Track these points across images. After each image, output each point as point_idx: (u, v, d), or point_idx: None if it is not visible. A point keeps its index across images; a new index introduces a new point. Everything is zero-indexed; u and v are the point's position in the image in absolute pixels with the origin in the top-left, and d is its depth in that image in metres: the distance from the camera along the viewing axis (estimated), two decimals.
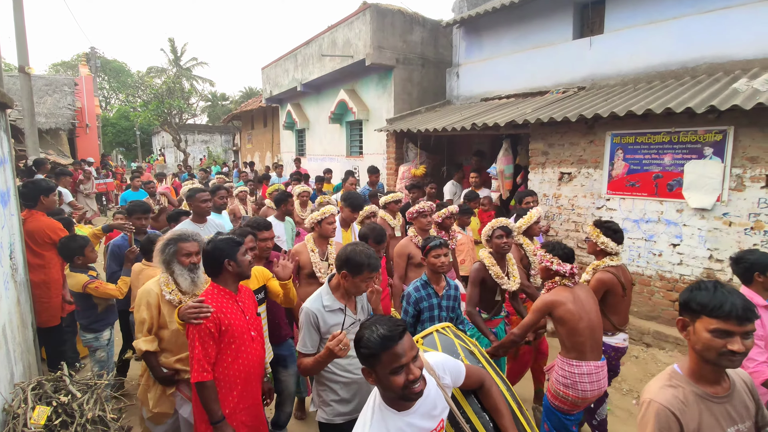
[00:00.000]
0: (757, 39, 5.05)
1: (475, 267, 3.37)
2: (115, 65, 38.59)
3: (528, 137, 6.53)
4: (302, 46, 11.82)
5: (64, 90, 17.60)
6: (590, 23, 6.87)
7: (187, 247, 2.62)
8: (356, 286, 2.32)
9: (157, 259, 2.63)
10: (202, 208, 4.15)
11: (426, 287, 2.93)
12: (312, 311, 2.30)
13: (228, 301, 2.35)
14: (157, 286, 2.63)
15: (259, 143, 19.38)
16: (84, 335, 3.49)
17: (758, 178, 4.39)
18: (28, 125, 9.75)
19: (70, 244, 3.46)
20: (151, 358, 2.58)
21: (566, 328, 2.72)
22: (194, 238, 2.69)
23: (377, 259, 2.34)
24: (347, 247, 2.36)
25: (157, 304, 2.58)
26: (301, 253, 3.52)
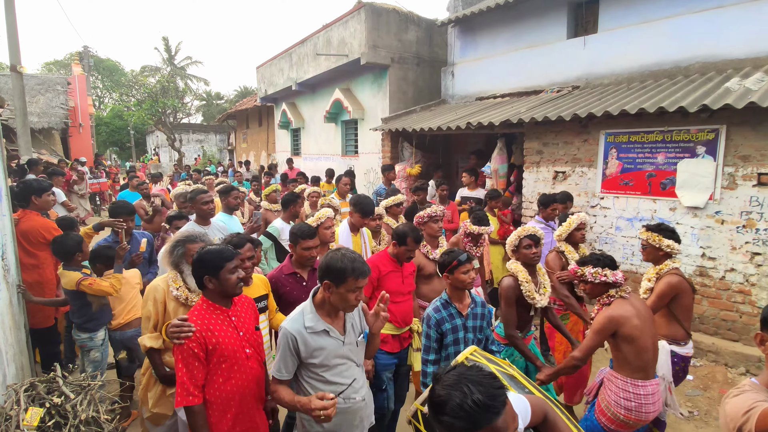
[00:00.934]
0: (749, 38, 5.09)
1: (507, 284, 3.02)
2: (109, 64, 38.35)
3: (522, 136, 6.55)
4: (297, 45, 11.80)
5: (57, 89, 17.47)
6: (584, 23, 6.89)
7: (195, 248, 2.59)
8: (343, 298, 2.00)
9: (165, 260, 2.61)
10: (203, 210, 4.00)
11: (447, 307, 2.61)
12: (291, 333, 2.02)
13: (218, 317, 2.16)
14: (164, 283, 2.61)
15: (254, 142, 19.32)
16: (78, 335, 3.44)
17: (750, 176, 4.43)
18: (20, 125, 9.67)
19: (68, 241, 3.41)
20: (154, 355, 2.55)
21: (635, 346, 2.44)
22: (202, 239, 2.67)
23: (363, 263, 2.03)
24: (328, 252, 2.10)
25: (163, 300, 2.56)
26: None
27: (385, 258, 3.19)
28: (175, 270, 2.62)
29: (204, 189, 4.24)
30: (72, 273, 3.33)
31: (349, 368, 2.13)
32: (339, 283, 1.98)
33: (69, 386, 2.67)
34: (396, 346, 3.17)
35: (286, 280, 2.96)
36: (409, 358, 3.27)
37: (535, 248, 3.09)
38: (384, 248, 4.24)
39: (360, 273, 1.99)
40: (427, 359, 2.59)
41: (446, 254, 2.66)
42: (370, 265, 2.98)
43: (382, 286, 3.05)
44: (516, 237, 3.17)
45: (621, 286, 2.57)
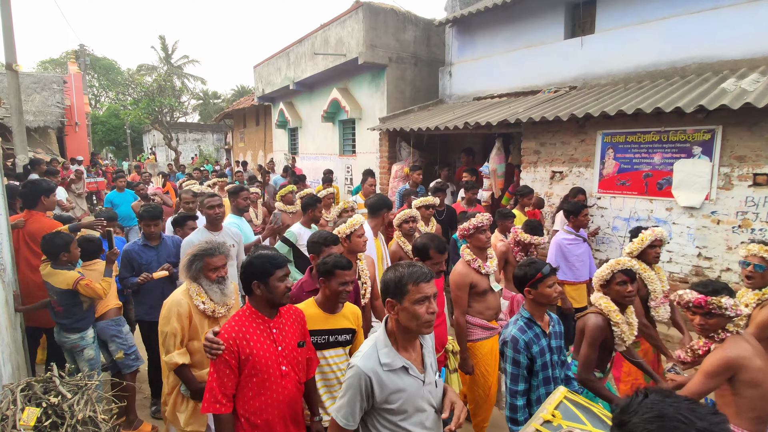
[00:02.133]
0: (745, 39, 5.12)
1: (594, 323, 2.57)
2: (105, 63, 38.15)
3: (520, 136, 6.56)
4: (295, 44, 11.78)
5: (53, 88, 17.38)
6: (581, 23, 6.92)
7: (214, 262, 2.56)
8: (411, 314, 1.67)
9: (183, 274, 2.56)
10: (210, 215, 3.75)
11: (531, 326, 2.32)
12: (365, 373, 1.66)
13: (257, 326, 2.05)
14: (186, 297, 2.55)
15: (251, 142, 19.28)
16: (67, 336, 3.38)
17: (746, 176, 4.46)
18: (16, 123, 9.62)
19: (56, 240, 3.34)
20: (185, 370, 2.50)
21: (759, 392, 2.05)
22: (220, 251, 2.60)
23: (421, 266, 1.77)
24: (387, 270, 1.81)
25: (188, 314, 2.51)
26: None
27: None
28: (195, 283, 2.57)
29: (212, 192, 4.02)
30: (67, 272, 3.29)
31: (429, 416, 1.76)
32: (401, 297, 1.69)
33: (66, 386, 2.66)
34: None
35: (306, 298, 2.60)
36: (446, 381, 3.04)
37: (631, 286, 2.65)
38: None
39: (419, 277, 1.69)
40: (515, 390, 2.27)
41: (527, 266, 2.37)
42: None
43: None
44: (609, 270, 2.69)
45: (735, 320, 2.19)
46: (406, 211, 3.96)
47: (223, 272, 2.57)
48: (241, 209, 4.44)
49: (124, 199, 7.66)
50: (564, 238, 4.40)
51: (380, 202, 4.08)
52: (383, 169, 9.17)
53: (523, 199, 5.38)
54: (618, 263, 2.70)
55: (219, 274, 2.56)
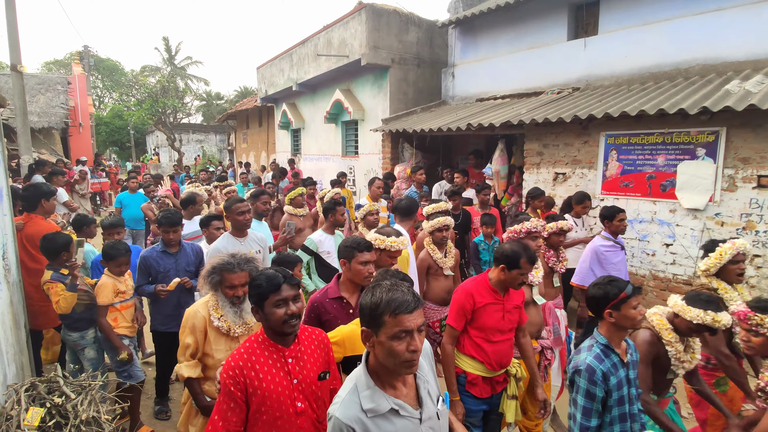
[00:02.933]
0: (749, 41, 5.10)
1: (644, 338, 2.36)
2: (109, 64, 38.33)
3: (523, 137, 6.56)
4: (298, 45, 11.80)
5: (57, 89, 17.47)
6: (585, 24, 6.90)
7: (232, 279, 2.37)
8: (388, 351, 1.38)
9: (201, 285, 2.42)
10: (239, 221, 3.56)
11: (608, 354, 2.03)
12: (348, 426, 1.38)
13: (269, 354, 1.79)
14: (204, 309, 2.41)
15: (254, 143, 19.32)
16: (69, 335, 3.43)
17: (750, 178, 4.44)
18: (21, 124, 9.66)
19: (57, 239, 3.37)
20: (193, 384, 2.39)
21: None
22: (243, 267, 2.38)
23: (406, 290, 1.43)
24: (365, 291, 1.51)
25: (204, 329, 2.38)
26: None
27: (483, 285, 2.58)
28: (215, 295, 2.42)
29: (241, 198, 3.80)
30: (47, 272, 3.33)
31: None
32: (377, 328, 1.39)
33: (69, 386, 2.67)
34: (486, 391, 2.63)
35: (330, 305, 2.47)
36: (502, 406, 2.74)
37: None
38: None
39: (398, 306, 1.36)
40: (587, 426, 2.00)
41: (607, 284, 2.05)
42: (463, 293, 2.58)
43: (476, 320, 2.56)
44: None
45: None
46: (440, 219, 3.66)
47: (241, 292, 2.37)
48: (260, 213, 4.33)
49: (134, 201, 7.41)
50: (601, 245, 4.09)
51: (413, 205, 3.88)
52: (386, 170, 9.17)
53: (534, 201, 5.22)
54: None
55: (236, 293, 2.37)
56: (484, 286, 2.58)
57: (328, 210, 4.17)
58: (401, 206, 3.92)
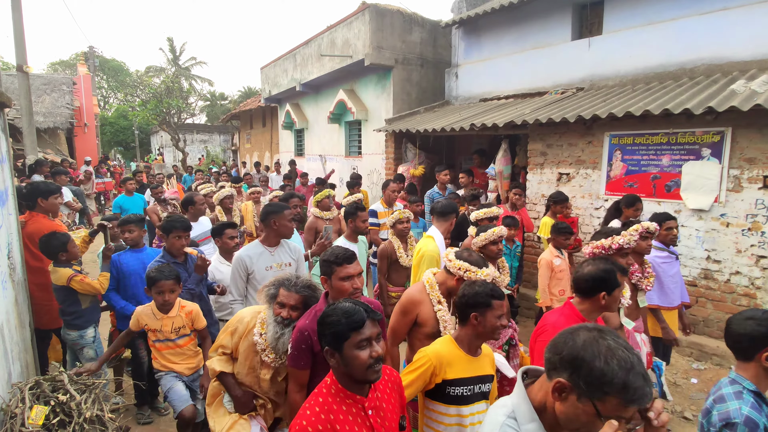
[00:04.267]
0: (755, 40, 5.06)
1: None
2: (114, 64, 38.55)
3: (526, 138, 6.54)
4: (301, 46, 11.82)
5: (63, 89, 17.59)
6: (589, 24, 6.88)
7: (284, 296, 2.23)
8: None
9: (260, 297, 2.34)
10: (290, 230, 3.21)
11: (761, 403, 1.69)
12: None
13: (348, 408, 1.50)
14: (253, 318, 2.35)
15: (258, 143, 19.36)
16: (68, 333, 3.44)
17: (756, 179, 4.41)
18: (26, 124, 9.74)
19: (52, 241, 3.38)
20: (227, 378, 2.37)
21: None
22: (299, 290, 2.23)
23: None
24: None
25: (241, 335, 2.33)
26: (417, 301, 2.46)
27: (570, 315, 2.17)
28: (269, 309, 2.29)
29: (285, 204, 3.34)
30: (62, 269, 3.34)
31: None
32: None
33: (74, 384, 2.69)
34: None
35: None
36: None
37: None
38: None
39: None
40: None
41: (757, 323, 1.71)
42: (550, 327, 2.11)
43: None
44: None
45: None
46: (494, 230, 3.24)
47: (287, 314, 2.20)
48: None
49: (133, 204, 7.13)
50: (657, 256, 3.66)
51: (450, 207, 3.73)
52: (389, 170, 9.17)
53: (557, 206, 4.81)
54: None
55: (282, 313, 2.21)
56: (572, 314, 2.17)
57: (348, 215, 3.93)
58: (438, 207, 3.80)
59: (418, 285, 2.55)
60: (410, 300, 2.48)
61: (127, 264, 3.55)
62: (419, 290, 2.51)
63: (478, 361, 2.03)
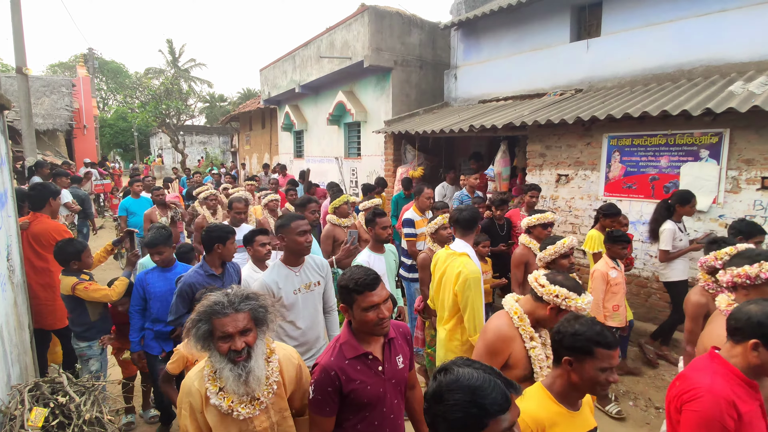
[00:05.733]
0: (753, 42, 5.08)
1: None
2: (113, 66, 38.59)
3: (525, 139, 6.55)
4: (300, 47, 11.84)
5: (62, 91, 17.58)
6: (587, 26, 6.90)
7: (224, 326, 1.68)
8: None
9: (190, 343, 1.74)
10: (299, 245, 2.69)
11: None
12: None
13: None
14: (201, 382, 1.75)
15: (257, 144, 19.37)
16: (77, 343, 3.37)
17: (754, 180, 4.42)
18: (26, 126, 9.74)
19: (67, 248, 3.33)
20: None
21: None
22: (239, 307, 1.71)
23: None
24: None
25: (201, 410, 1.74)
26: (509, 338, 2.05)
27: (735, 380, 1.63)
28: (209, 358, 1.75)
29: (297, 215, 2.84)
30: (68, 278, 3.29)
31: None
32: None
33: (73, 387, 2.69)
34: None
35: (352, 368, 1.80)
36: None
37: None
38: None
39: None
40: None
41: None
42: (715, 404, 1.55)
43: None
44: None
45: None
46: (564, 241, 2.98)
47: (241, 343, 1.69)
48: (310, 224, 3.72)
49: (140, 206, 6.61)
50: None
51: (475, 216, 3.20)
52: (388, 171, 9.19)
53: (606, 219, 4.41)
54: None
55: (234, 345, 1.69)
56: (736, 380, 1.63)
57: (368, 222, 3.58)
58: (463, 218, 3.15)
59: (502, 317, 2.10)
60: (501, 337, 2.03)
61: (153, 285, 3.24)
62: (508, 324, 2.07)
63: (581, 415, 1.64)
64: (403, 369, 1.94)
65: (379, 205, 4.98)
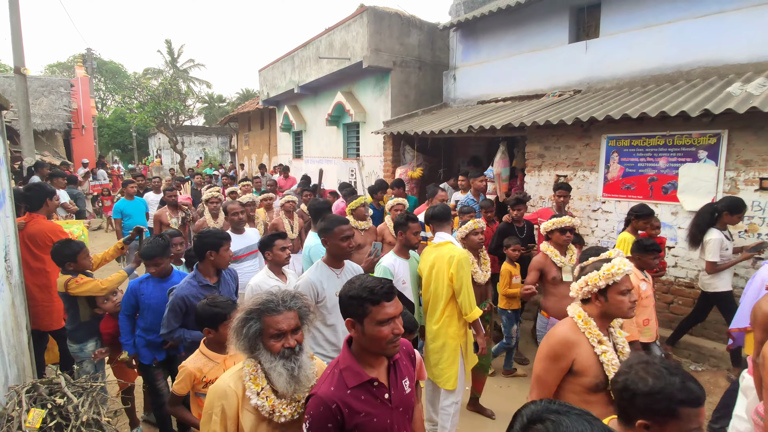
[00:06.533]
0: (751, 43, 5.10)
1: None
2: (112, 66, 38.56)
3: (524, 140, 6.56)
4: (299, 48, 11.84)
5: (60, 91, 17.56)
6: (586, 27, 6.91)
7: (277, 324, 1.65)
8: None
9: (234, 343, 1.69)
10: (343, 249, 2.69)
11: None
12: None
13: None
14: (237, 382, 1.69)
15: (256, 145, 19.36)
16: (70, 345, 3.35)
17: (752, 181, 4.43)
18: (24, 126, 9.71)
19: (63, 249, 3.31)
20: None
21: None
22: (290, 305, 1.70)
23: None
24: None
25: (236, 413, 1.65)
26: (572, 343, 1.94)
27: None
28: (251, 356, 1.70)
29: (341, 218, 2.79)
30: (64, 276, 3.27)
31: None
32: None
33: (71, 387, 2.68)
34: None
35: (355, 398, 1.59)
36: None
37: None
38: None
39: None
40: None
41: None
42: None
43: None
44: None
45: None
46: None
47: (293, 341, 1.67)
48: None
49: (135, 208, 6.57)
50: None
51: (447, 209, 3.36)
52: (387, 172, 9.18)
53: (639, 221, 4.16)
54: None
55: (287, 343, 1.66)
56: None
57: (399, 226, 3.36)
58: (436, 213, 3.33)
59: (566, 323, 2.02)
60: (563, 341, 1.94)
61: (148, 296, 3.14)
62: (571, 328, 1.97)
63: None
64: (410, 394, 1.76)
65: (405, 206, 4.83)
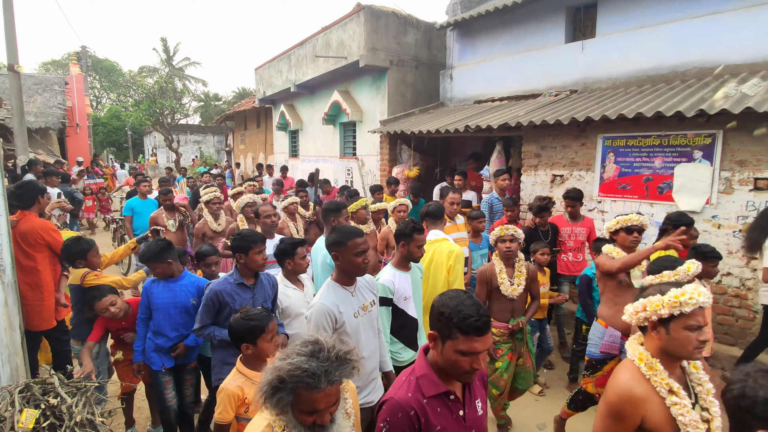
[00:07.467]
0: (746, 44, 5.12)
1: None
2: (107, 64, 38.31)
3: (521, 139, 6.57)
4: (296, 47, 11.81)
5: (55, 89, 17.42)
6: (582, 27, 6.93)
7: (316, 400, 1.35)
8: None
9: (259, 401, 1.41)
10: (357, 265, 2.30)
11: None
12: None
13: None
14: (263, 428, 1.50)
15: (252, 144, 19.30)
16: (73, 345, 3.36)
17: (746, 181, 4.45)
18: (17, 124, 9.64)
19: (72, 247, 3.33)
20: None
21: None
22: (333, 378, 1.36)
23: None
24: None
25: None
26: (639, 400, 1.59)
27: None
28: (281, 419, 1.44)
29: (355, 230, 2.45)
30: (78, 269, 3.31)
31: None
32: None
33: (65, 388, 2.65)
34: None
35: (432, 409, 1.49)
36: None
37: None
38: None
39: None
40: None
41: None
42: None
43: None
44: None
45: None
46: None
47: (328, 416, 1.41)
48: None
49: (147, 208, 6.31)
50: None
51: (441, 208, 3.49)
52: (383, 171, 9.18)
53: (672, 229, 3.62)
54: None
55: (321, 419, 1.39)
56: None
57: (402, 236, 2.89)
58: (431, 211, 3.45)
59: (627, 369, 1.66)
60: (627, 398, 1.58)
61: (157, 296, 3.10)
62: (634, 377, 1.61)
63: None
64: (482, 416, 1.64)
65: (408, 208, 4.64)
